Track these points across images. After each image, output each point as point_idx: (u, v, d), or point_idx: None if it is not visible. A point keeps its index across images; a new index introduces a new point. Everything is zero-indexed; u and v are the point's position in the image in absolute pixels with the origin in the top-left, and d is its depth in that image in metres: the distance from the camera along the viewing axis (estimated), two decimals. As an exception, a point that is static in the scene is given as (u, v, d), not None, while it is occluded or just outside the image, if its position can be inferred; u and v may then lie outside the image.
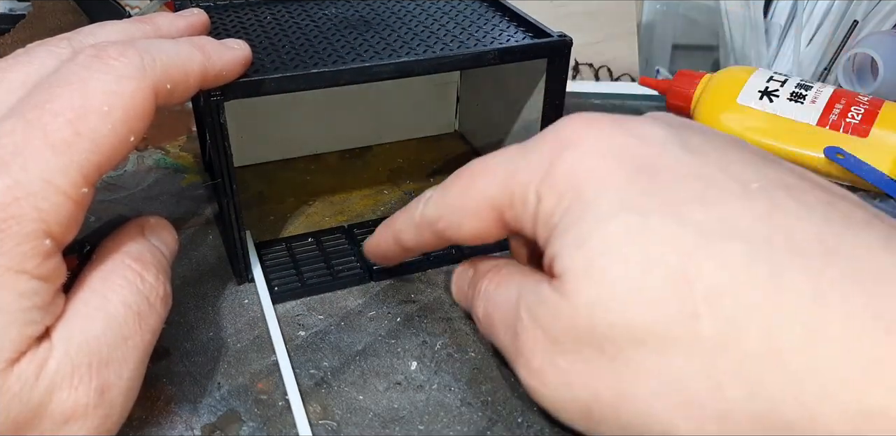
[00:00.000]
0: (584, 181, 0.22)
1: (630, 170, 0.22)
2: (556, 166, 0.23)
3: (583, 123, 0.24)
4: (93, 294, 0.23)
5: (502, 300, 0.25)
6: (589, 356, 0.21)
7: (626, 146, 0.22)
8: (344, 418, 0.27)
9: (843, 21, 0.55)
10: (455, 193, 0.26)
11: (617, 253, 0.20)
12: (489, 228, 0.25)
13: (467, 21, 0.36)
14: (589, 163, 0.22)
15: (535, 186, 0.23)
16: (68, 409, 0.21)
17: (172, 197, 0.41)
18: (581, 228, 0.21)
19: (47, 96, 0.22)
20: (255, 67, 0.30)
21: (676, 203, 0.21)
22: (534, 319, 0.23)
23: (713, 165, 0.22)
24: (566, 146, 0.23)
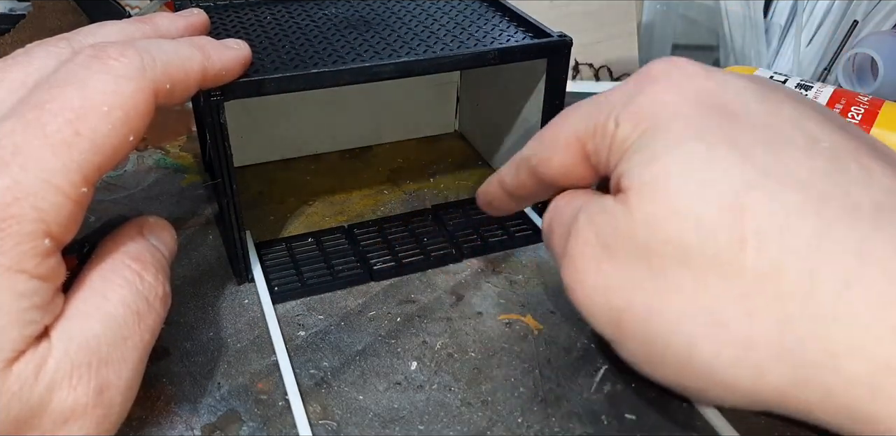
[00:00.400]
0: (661, 110, 0.23)
1: (705, 107, 0.23)
2: (638, 97, 0.24)
3: (670, 63, 0.25)
4: (92, 294, 0.23)
5: (567, 210, 0.26)
6: (634, 266, 0.22)
7: (706, 88, 0.24)
8: (344, 418, 0.27)
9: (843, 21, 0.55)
10: (549, 130, 0.27)
11: (681, 175, 0.21)
12: (575, 162, 0.26)
13: (467, 21, 0.36)
14: (668, 96, 0.23)
15: (616, 115, 0.24)
16: (67, 408, 0.21)
17: (172, 197, 0.41)
18: (652, 148, 0.22)
19: (47, 96, 0.22)
20: (255, 67, 0.30)
21: (745, 143, 0.22)
22: (590, 223, 0.24)
23: (786, 119, 0.23)
24: (650, 81, 0.24)
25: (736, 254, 0.20)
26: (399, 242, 0.36)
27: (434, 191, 0.42)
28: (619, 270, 0.22)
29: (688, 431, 0.27)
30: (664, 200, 0.21)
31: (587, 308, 0.24)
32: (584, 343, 0.31)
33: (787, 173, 0.21)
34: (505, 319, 0.32)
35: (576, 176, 0.27)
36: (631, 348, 0.23)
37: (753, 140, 0.22)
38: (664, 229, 0.21)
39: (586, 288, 0.23)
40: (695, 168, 0.21)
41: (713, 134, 0.22)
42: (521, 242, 0.37)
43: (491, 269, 0.36)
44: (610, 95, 0.26)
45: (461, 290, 0.34)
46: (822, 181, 0.21)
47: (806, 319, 0.19)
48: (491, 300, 0.33)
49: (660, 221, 0.21)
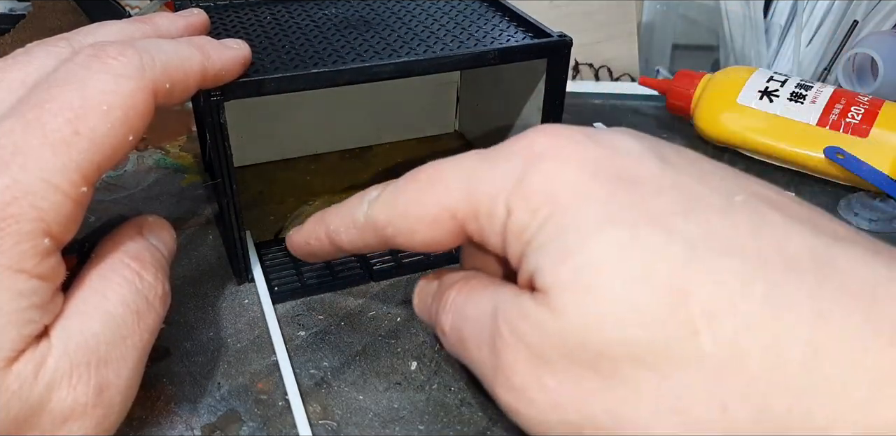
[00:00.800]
0: (562, 194, 0.21)
1: (609, 181, 0.21)
2: (529, 178, 0.21)
3: (554, 134, 0.22)
4: (91, 293, 0.23)
5: (474, 313, 0.23)
6: (581, 375, 0.20)
7: (602, 158, 0.21)
8: (344, 418, 0.27)
9: (843, 21, 0.55)
10: (408, 198, 0.24)
11: (607, 267, 0.19)
12: (445, 237, 0.24)
13: (467, 21, 0.36)
14: (565, 175, 0.21)
15: (504, 199, 0.22)
16: (67, 408, 0.21)
17: (172, 197, 0.41)
18: (565, 241, 0.20)
19: (46, 96, 0.22)
20: (255, 67, 0.30)
21: (661, 215, 0.20)
22: (515, 333, 0.21)
23: (691, 176, 0.21)
24: (538, 158, 0.22)
25: (691, 343, 0.18)
26: (399, 242, 0.36)
27: (434, 191, 0.42)
28: (565, 383, 0.20)
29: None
30: (595, 297, 0.19)
31: (538, 428, 0.21)
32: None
33: (717, 240, 0.19)
34: (505, 319, 0.32)
35: (444, 247, 0.24)
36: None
37: (669, 209, 0.20)
38: (605, 330, 0.19)
39: (534, 408, 0.21)
40: (619, 256, 0.19)
41: (626, 212, 0.20)
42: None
43: (491, 269, 0.36)
44: (488, 168, 0.23)
45: (461, 290, 0.34)
46: (753, 240, 0.19)
47: (780, 399, 0.18)
48: (491, 300, 0.33)
49: (597, 321, 0.19)
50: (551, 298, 0.20)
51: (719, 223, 0.20)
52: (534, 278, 0.21)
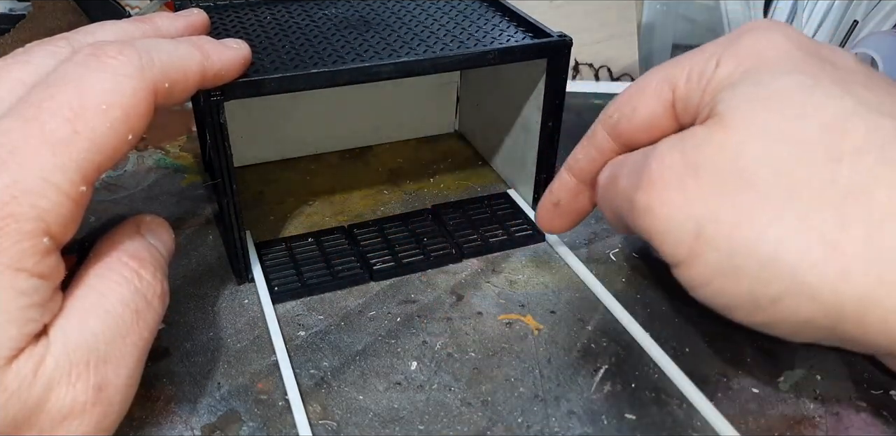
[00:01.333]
0: (766, 49, 0.24)
1: (809, 53, 0.24)
2: (742, 40, 0.25)
3: (771, 20, 0.27)
4: (90, 292, 0.23)
5: (633, 159, 0.26)
6: (722, 181, 0.23)
7: (807, 41, 0.25)
8: (344, 418, 0.27)
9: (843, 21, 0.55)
10: (634, 84, 0.28)
11: (787, 96, 0.23)
12: (660, 111, 0.26)
13: (467, 21, 0.36)
14: (774, 40, 0.25)
15: (718, 55, 0.25)
16: (66, 406, 0.21)
17: (172, 197, 0.41)
18: (758, 79, 0.23)
19: (45, 95, 0.22)
20: (255, 67, 0.30)
21: (845, 81, 0.23)
22: (674, 147, 0.24)
23: (880, 76, 0.25)
24: (754, 27, 0.26)
25: (833, 167, 0.21)
26: (399, 242, 0.36)
27: (434, 191, 0.42)
28: (704, 186, 0.23)
29: (688, 431, 0.27)
30: (767, 115, 0.23)
31: (665, 225, 0.24)
32: (584, 343, 0.31)
33: (883, 107, 0.22)
34: (505, 319, 0.32)
35: (657, 128, 0.27)
36: (707, 261, 0.23)
37: (852, 80, 0.23)
38: (764, 143, 0.22)
39: (667, 205, 0.24)
40: (801, 93, 0.23)
41: (817, 71, 0.23)
42: (521, 242, 0.37)
43: (491, 269, 0.36)
44: (707, 45, 0.26)
45: (461, 290, 0.34)
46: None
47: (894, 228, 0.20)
48: (491, 300, 0.33)
49: (760, 134, 0.22)
50: (727, 116, 0.23)
51: (890, 100, 0.23)
52: (715, 108, 0.24)
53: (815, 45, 0.25)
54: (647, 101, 0.27)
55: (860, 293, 0.21)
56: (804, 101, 0.23)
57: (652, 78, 0.27)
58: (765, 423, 0.27)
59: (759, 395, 0.29)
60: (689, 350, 0.31)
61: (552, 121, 0.36)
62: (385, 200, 0.41)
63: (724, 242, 0.22)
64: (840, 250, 0.21)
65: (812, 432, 0.27)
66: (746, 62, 0.24)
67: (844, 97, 0.22)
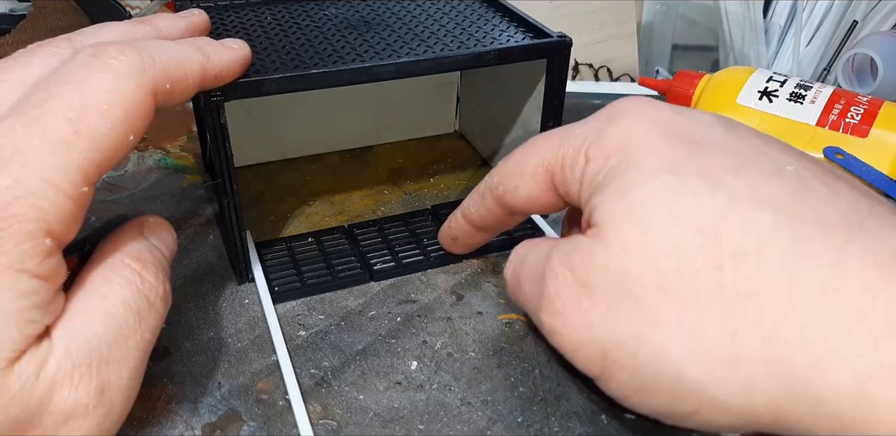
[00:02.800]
0: (631, 143, 0.24)
1: (675, 139, 0.24)
2: (608, 131, 0.25)
3: (638, 100, 0.26)
4: (93, 293, 0.23)
5: (532, 259, 0.26)
6: (615, 299, 0.22)
7: (674, 121, 0.25)
8: (344, 418, 0.27)
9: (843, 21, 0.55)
10: (514, 158, 0.28)
11: (655, 206, 0.22)
12: (542, 192, 0.27)
13: (467, 21, 0.36)
14: (638, 129, 0.24)
15: (586, 148, 0.25)
16: (68, 408, 0.21)
17: (172, 197, 0.41)
18: (625, 181, 0.23)
19: (46, 95, 0.22)
20: (255, 67, 0.30)
21: (713, 171, 0.22)
22: (564, 263, 0.24)
23: (752, 146, 0.24)
24: (620, 115, 0.25)
25: (714, 276, 0.21)
26: (399, 242, 0.36)
27: (434, 191, 0.42)
28: (600, 305, 0.23)
29: (688, 431, 0.27)
30: (640, 231, 0.22)
31: (572, 346, 0.24)
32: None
33: (757, 195, 0.22)
34: (505, 319, 0.32)
35: (541, 204, 0.28)
36: (621, 379, 0.23)
37: (722, 167, 0.23)
38: (643, 259, 0.22)
39: (569, 327, 0.24)
40: (668, 199, 0.22)
41: (683, 165, 0.23)
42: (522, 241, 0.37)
43: (491, 269, 0.36)
44: (579, 128, 0.26)
45: (461, 290, 0.34)
46: (791, 200, 0.21)
47: (788, 332, 0.20)
48: (491, 300, 0.34)
49: (637, 251, 0.22)
50: (603, 230, 0.23)
51: (764, 183, 0.22)
52: (592, 215, 0.24)
53: (680, 125, 0.24)
54: (527, 183, 0.27)
55: (768, 401, 0.20)
56: (674, 209, 0.22)
57: (529, 159, 0.27)
58: (764, 423, 0.27)
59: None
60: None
61: (552, 121, 0.36)
62: (385, 200, 0.41)
63: (631, 363, 0.22)
64: (739, 364, 0.20)
65: None
66: (613, 158, 0.24)
67: (715, 194, 0.22)
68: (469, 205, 0.31)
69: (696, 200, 0.22)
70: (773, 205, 0.21)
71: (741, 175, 0.22)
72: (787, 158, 0.23)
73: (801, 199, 0.22)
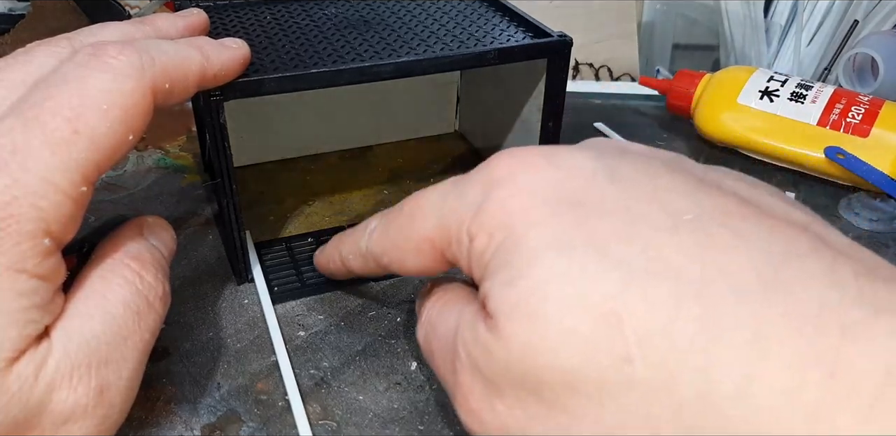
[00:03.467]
0: (512, 219, 0.21)
1: (556, 205, 0.21)
2: (486, 206, 0.22)
3: (512, 159, 0.23)
4: (92, 293, 0.23)
5: (442, 330, 0.24)
6: (525, 401, 0.20)
7: (553, 180, 0.22)
8: (344, 419, 0.27)
9: (844, 21, 0.55)
10: (394, 231, 0.26)
11: (545, 294, 0.19)
12: (432, 264, 0.25)
13: (467, 21, 0.36)
14: (516, 200, 0.22)
15: (467, 227, 0.22)
16: (67, 409, 0.21)
17: (172, 197, 0.41)
18: (510, 266, 0.21)
19: (46, 95, 0.22)
20: (254, 67, 0.30)
21: (601, 239, 0.20)
22: (470, 358, 0.21)
23: (642, 195, 0.21)
24: (495, 184, 0.22)
25: (623, 369, 0.18)
26: (399, 242, 0.36)
27: (434, 191, 0.42)
28: (511, 408, 0.21)
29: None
30: (534, 325, 0.19)
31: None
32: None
33: (655, 263, 0.19)
34: (505, 319, 0.32)
35: (435, 271, 0.25)
36: None
37: (610, 232, 0.20)
38: (543, 357, 0.19)
39: (484, 430, 0.22)
40: (558, 283, 0.19)
41: (569, 236, 0.20)
42: (522, 242, 0.37)
43: (491, 269, 0.35)
44: (455, 197, 0.24)
45: (461, 290, 0.34)
46: (694, 261, 0.19)
47: (709, 426, 0.18)
48: (491, 300, 0.33)
49: (535, 348, 0.19)
50: (498, 323, 0.20)
51: (660, 245, 0.19)
52: (486, 303, 0.21)
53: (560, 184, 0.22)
54: (414, 257, 0.25)
55: None
56: (565, 294, 0.19)
57: (411, 235, 0.25)
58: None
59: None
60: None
61: (552, 121, 0.36)
62: (385, 200, 0.41)
63: None
64: None
65: None
66: (496, 236, 0.21)
67: (608, 270, 0.19)
68: (348, 258, 0.29)
69: (588, 279, 0.19)
70: (673, 272, 0.19)
71: (633, 240, 0.20)
72: (683, 200, 0.21)
73: (704, 257, 0.19)
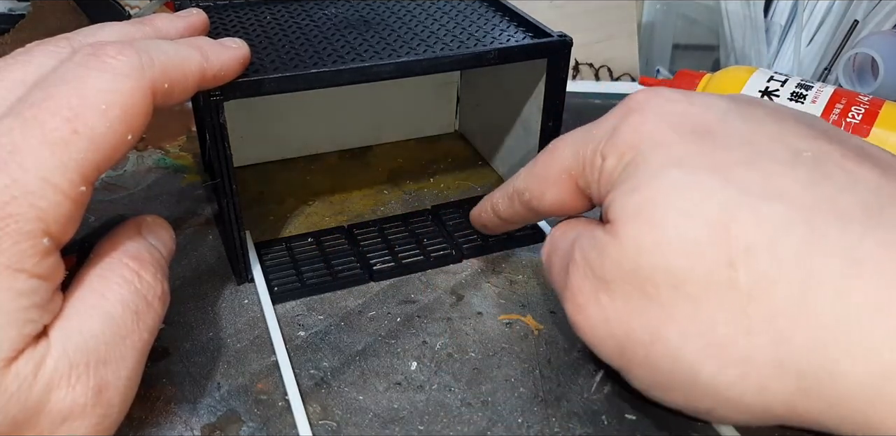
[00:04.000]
0: (642, 140, 0.24)
1: (686, 132, 0.23)
2: (620, 129, 0.24)
3: (650, 92, 0.25)
4: (91, 293, 0.23)
5: (562, 244, 0.27)
6: (629, 296, 0.22)
7: (687, 113, 0.24)
8: (344, 419, 0.27)
9: (844, 21, 0.55)
10: (539, 165, 0.28)
11: (665, 202, 0.22)
12: (567, 196, 0.27)
13: (467, 21, 0.36)
14: (649, 125, 0.24)
15: (601, 148, 0.25)
16: (66, 408, 0.21)
17: (172, 197, 0.41)
18: (635, 179, 0.23)
19: (45, 95, 0.21)
20: (254, 67, 0.30)
21: (725, 164, 0.22)
22: (584, 257, 0.24)
23: (768, 134, 0.23)
24: (630, 112, 0.25)
25: (726, 273, 0.20)
26: (399, 242, 0.36)
27: (434, 191, 0.42)
28: (616, 301, 0.23)
29: (688, 431, 0.27)
30: (650, 228, 0.22)
31: (592, 341, 0.24)
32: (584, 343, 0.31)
33: (770, 188, 0.21)
34: (505, 319, 0.32)
35: (570, 207, 0.28)
36: (638, 375, 0.23)
37: (734, 160, 0.22)
38: (654, 257, 0.22)
39: (589, 321, 0.24)
40: (677, 195, 0.22)
41: (693, 159, 0.22)
42: (521, 242, 0.37)
43: (491, 269, 0.36)
44: (594, 128, 0.26)
45: (461, 290, 0.34)
46: (807, 190, 0.21)
47: (801, 331, 0.19)
48: (491, 300, 0.33)
49: (648, 249, 0.22)
50: (617, 227, 0.23)
51: (778, 174, 0.21)
52: (608, 212, 0.24)
53: (693, 116, 0.24)
54: (552, 190, 0.27)
55: (785, 401, 0.20)
56: (683, 205, 0.22)
57: (552, 165, 0.27)
58: (765, 423, 0.27)
59: (759, 395, 0.29)
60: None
61: (552, 121, 0.36)
62: (385, 200, 0.41)
63: (645, 360, 0.22)
64: (753, 364, 0.20)
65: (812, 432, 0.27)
66: (626, 155, 0.24)
67: (725, 188, 0.21)
68: (497, 202, 0.31)
69: (705, 194, 0.21)
70: (787, 197, 0.21)
71: (754, 167, 0.22)
72: (805, 140, 0.23)
73: (817, 189, 0.21)
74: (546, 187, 0.27)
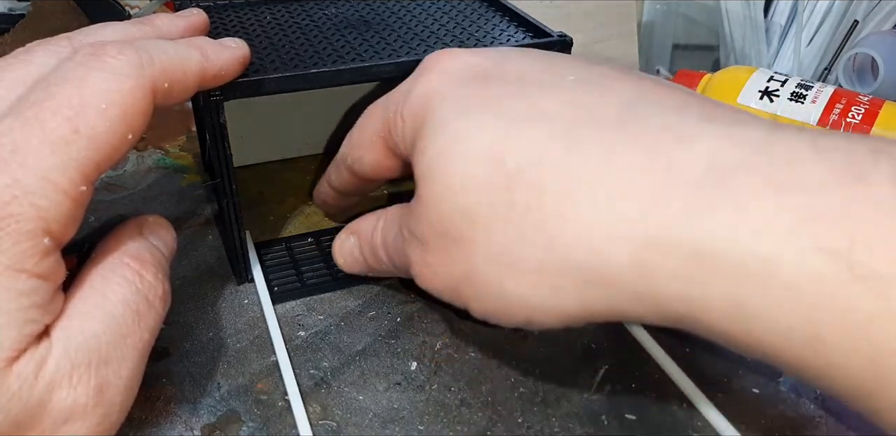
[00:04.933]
0: (431, 97, 0.25)
1: (467, 83, 0.25)
2: (412, 91, 0.26)
3: (441, 52, 0.27)
4: (92, 293, 0.23)
5: (391, 234, 0.28)
6: (444, 246, 0.24)
7: (469, 64, 0.26)
8: (344, 419, 0.27)
9: (844, 21, 0.55)
10: (356, 130, 0.30)
11: (447, 151, 0.23)
12: (383, 158, 0.29)
13: (467, 21, 0.36)
14: (434, 83, 0.25)
15: (400, 111, 0.26)
16: (67, 408, 0.21)
17: (172, 197, 0.41)
18: (425, 137, 0.24)
19: (45, 94, 0.21)
20: (254, 67, 0.30)
21: (497, 100, 0.24)
22: (406, 228, 0.25)
23: (539, 68, 0.25)
24: (422, 72, 0.26)
25: (505, 196, 0.22)
26: (399, 242, 0.36)
27: (434, 191, 0.41)
28: (437, 256, 0.24)
29: (688, 431, 0.27)
30: (442, 179, 0.23)
31: (434, 291, 0.26)
32: (584, 343, 0.31)
33: (535, 111, 0.23)
34: (505, 319, 0.32)
35: (386, 168, 0.29)
36: (475, 308, 0.25)
37: (504, 94, 0.24)
38: (448, 203, 0.23)
39: (427, 281, 0.25)
40: (458, 141, 0.23)
41: (469, 102, 0.24)
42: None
43: (491, 269, 0.35)
44: (396, 91, 0.28)
45: (461, 290, 0.34)
46: (568, 110, 0.23)
47: (569, 230, 0.21)
48: (491, 300, 0.33)
49: (443, 198, 0.23)
50: (419, 188, 0.24)
51: (542, 99, 0.23)
52: (414, 174, 0.25)
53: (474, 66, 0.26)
54: (369, 153, 0.29)
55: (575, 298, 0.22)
56: (463, 147, 0.23)
57: (366, 129, 0.29)
58: (765, 423, 0.27)
59: (759, 395, 0.29)
60: (689, 350, 0.31)
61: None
62: (385, 200, 0.40)
63: (473, 294, 0.24)
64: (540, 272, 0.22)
65: (812, 432, 0.27)
66: (419, 115, 0.25)
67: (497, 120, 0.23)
68: (330, 173, 0.33)
69: (480, 131, 0.23)
70: (549, 117, 0.22)
71: (521, 97, 0.23)
72: (570, 69, 0.25)
73: (576, 105, 0.23)
74: (363, 151, 0.29)
